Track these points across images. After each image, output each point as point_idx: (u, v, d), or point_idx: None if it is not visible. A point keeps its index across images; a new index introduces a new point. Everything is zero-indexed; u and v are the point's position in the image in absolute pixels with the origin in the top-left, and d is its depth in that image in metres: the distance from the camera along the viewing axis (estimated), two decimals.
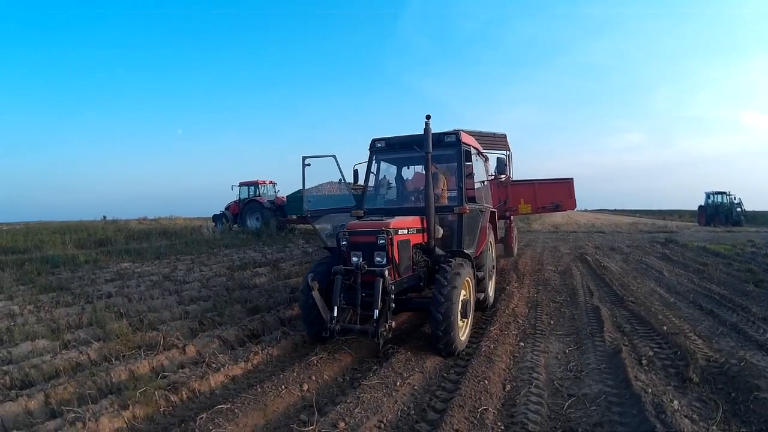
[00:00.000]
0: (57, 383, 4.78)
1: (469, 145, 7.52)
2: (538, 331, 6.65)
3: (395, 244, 5.73)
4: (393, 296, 5.33)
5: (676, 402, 4.08)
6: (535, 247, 20.03)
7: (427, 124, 6.20)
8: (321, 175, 7.67)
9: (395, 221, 5.96)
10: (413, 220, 6.40)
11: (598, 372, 5.01)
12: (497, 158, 8.86)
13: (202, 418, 4.00)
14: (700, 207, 37.98)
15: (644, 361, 5.19)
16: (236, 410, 4.16)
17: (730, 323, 6.72)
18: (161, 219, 40.33)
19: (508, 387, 4.66)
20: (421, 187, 7.57)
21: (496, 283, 9.30)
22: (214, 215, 29.19)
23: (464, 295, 6.09)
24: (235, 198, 27.65)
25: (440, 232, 6.94)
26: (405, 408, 4.26)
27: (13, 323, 7.04)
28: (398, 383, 4.72)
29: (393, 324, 5.40)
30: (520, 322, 7.19)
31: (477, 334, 6.52)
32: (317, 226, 8.43)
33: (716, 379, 4.63)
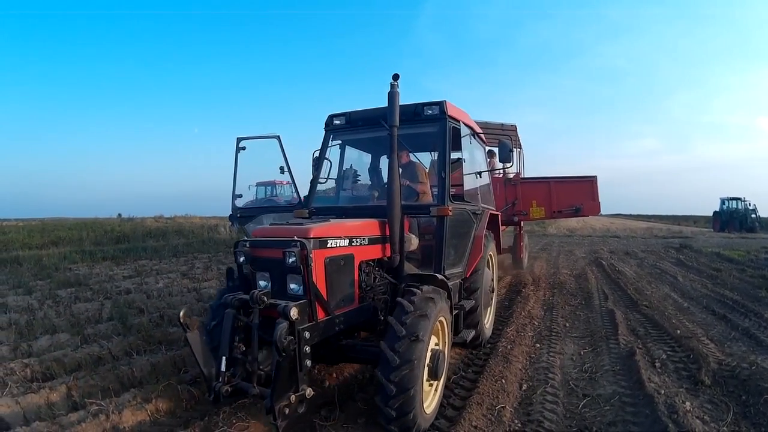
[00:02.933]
0: (79, 376, 4.82)
1: (459, 122, 5.26)
2: (553, 333, 6.65)
3: (320, 263, 3.70)
4: (307, 348, 3.34)
5: (688, 403, 4.09)
6: (550, 250, 19.96)
7: (393, 86, 4.20)
8: (266, 163, 5.98)
9: (322, 227, 3.89)
10: (364, 226, 4.40)
11: (613, 373, 5.03)
12: (500, 141, 5.73)
13: (225, 411, 4.10)
14: (715, 213, 37.37)
15: (657, 364, 5.19)
16: (258, 404, 4.16)
17: (743, 328, 6.67)
18: (177, 217, 39.57)
19: (524, 386, 4.71)
20: (406, 182, 5.56)
21: (496, 310, 7.11)
22: (230, 214, 29.17)
23: (435, 345, 4.07)
24: (251, 197, 27.70)
25: (414, 242, 5.03)
26: None
27: (32, 317, 7.12)
28: None
29: (310, 392, 3.33)
30: (536, 324, 7.20)
31: (494, 335, 6.54)
32: (248, 230, 6.74)
33: (727, 382, 4.63)
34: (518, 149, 12.84)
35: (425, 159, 6.57)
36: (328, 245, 3.84)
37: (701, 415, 3.95)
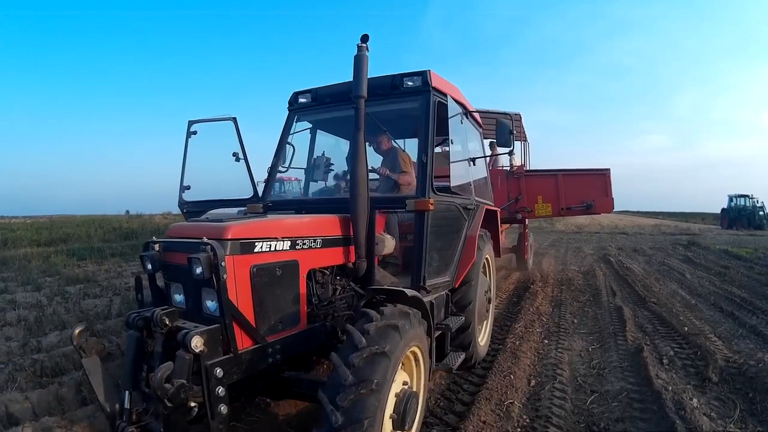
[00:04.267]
0: None
1: (445, 95, 4.29)
2: (561, 329, 6.64)
3: (242, 273, 2.84)
4: (221, 391, 2.52)
5: (695, 400, 4.09)
6: (558, 247, 19.92)
7: (360, 49, 3.39)
8: (222, 149, 4.96)
9: (246, 225, 3.02)
10: (318, 223, 3.56)
11: (620, 370, 5.02)
12: (498, 121, 4.49)
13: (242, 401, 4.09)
14: (723, 210, 37.08)
15: (665, 360, 5.18)
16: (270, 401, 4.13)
17: (750, 325, 6.62)
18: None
19: (533, 382, 4.71)
20: (386, 172, 4.99)
21: (496, 320, 6.41)
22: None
23: (404, 386, 3.10)
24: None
25: (389, 243, 4.19)
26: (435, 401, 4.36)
27: (41, 313, 7.11)
28: None
29: None
30: (544, 320, 7.19)
31: (503, 330, 6.56)
32: None
33: (735, 379, 4.62)
34: (523, 141, 12.06)
35: (412, 148, 5.30)
36: (256, 249, 2.94)
37: (708, 411, 3.95)
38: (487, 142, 11.55)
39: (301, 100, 4.77)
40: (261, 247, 3.00)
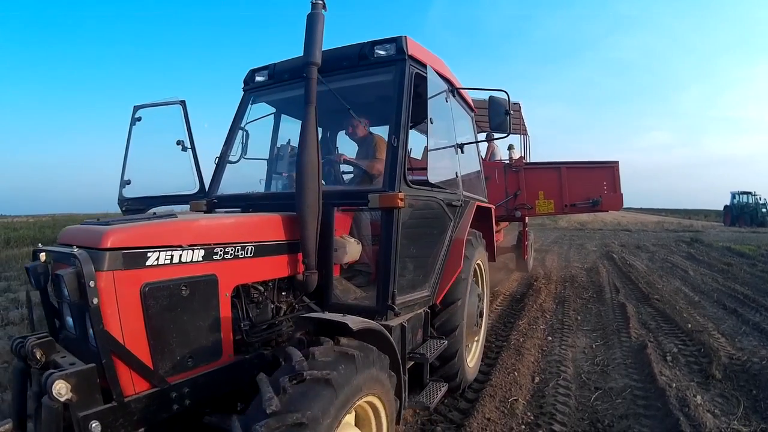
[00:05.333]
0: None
1: (425, 66, 3.51)
2: (565, 326, 6.64)
3: (128, 294, 2.15)
4: None
5: (699, 397, 4.09)
6: (561, 244, 19.94)
7: (314, 7, 2.88)
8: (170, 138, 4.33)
9: (134, 229, 2.28)
10: (249, 225, 2.91)
11: (624, 366, 5.02)
12: (491, 99, 3.78)
13: None
14: (726, 207, 37.03)
15: (669, 357, 5.18)
16: None
17: (753, 323, 6.61)
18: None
19: (536, 379, 4.71)
20: (356, 162, 4.45)
21: (485, 339, 5.26)
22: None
23: None
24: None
25: (353, 249, 3.38)
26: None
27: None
28: None
29: None
30: (548, 317, 7.18)
31: (506, 327, 6.57)
32: None
33: (738, 376, 4.61)
34: (523, 134, 11.30)
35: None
36: (149, 262, 2.22)
37: (712, 408, 3.94)
38: (483, 135, 11.43)
39: (258, 78, 4.10)
40: (157, 259, 2.26)
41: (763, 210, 34.54)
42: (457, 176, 4.09)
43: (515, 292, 9.27)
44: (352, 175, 4.72)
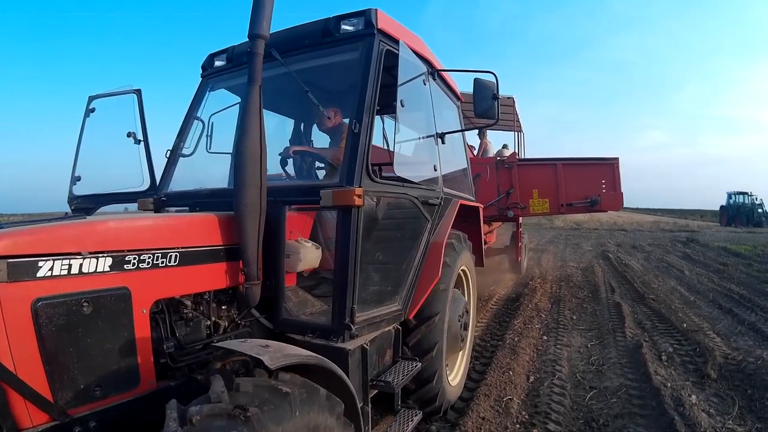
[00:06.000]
0: None
1: (397, 42, 3.08)
2: (560, 326, 6.63)
3: (14, 312, 1.78)
4: None
5: (694, 396, 4.10)
6: (557, 243, 19.99)
7: None
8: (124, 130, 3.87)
9: (22, 233, 1.90)
10: (166, 227, 2.46)
11: (619, 366, 5.02)
12: (475, 82, 3.36)
13: None
14: (722, 207, 37.17)
15: (664, 357, 5.19)
16: None
17: (749, 322, 6.62)
18: None
19: (531, 378, 4.71)
20: (318, 151, 3.99)
21: (471, 353, 4.88)
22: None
23: None
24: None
25: (310, 255, 2.91)
26: None
27: None
28: None
29: None
30: (543, 316, 7.18)
31: (501, 327, 6.56)
32: None
33: (733, 376, 4.62)
34: (517, 131, 10.55)
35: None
36: (41, 273, 1.88)
37: (707, 408, 3.95)
38: (475, 132, 10.84)
39: (217, 63, 3.72)
40: (51, 269, 1.90)
41: (759, 210, 34.73)
42: (435, 170, 3.63)
43: (511, 292, 9.28)
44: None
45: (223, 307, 2.74)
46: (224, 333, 2.69)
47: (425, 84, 3.51)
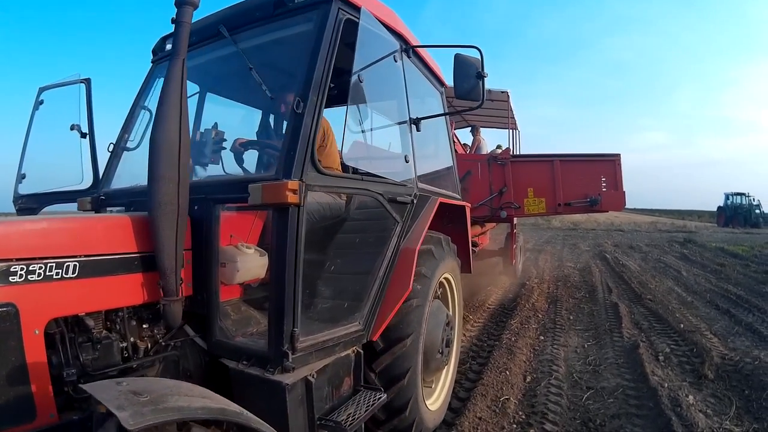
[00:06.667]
0: None
1: (358, 9, 2.63)
2: (557, 326, 6.64)
3: None
4: None
5: (691, 397, 4.10)
6: (554, 243, 20.05)
7: None
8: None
9: None
10: (63, 231, 2.03)
11: (616, 366, 5.03)
12: (456, 58, 2.95)
13: None
14: (719, 208, 37.43)
15: (661, 357, 5.19)
16: None
17: (746, 323, 6.64)
18: None
19: (528, 378, 4.71)
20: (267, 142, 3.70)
21: (455, 371, 4.23)
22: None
23: None
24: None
25: (256, 263, 2.58)
26: None
27: None
28: None
29: None
30: (540, 316, 7.18)
31: (498, 327, 6.56)
32: None
33: (731, 376, 4.63)
34: (512, 129, 10.02)
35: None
36: None
37: (704, 408, 3.95)
38: (468, 130, 10.75)
39: (169, 46, 3.25)
40: None
41: (757, 211, 34.98)
42: (407, 161, 3.22)
43: (507, 291, 9.28)
44: None
45: (144, 326, 2.32)
46: (146, 356, 2.28)
47: (397, 62, 3.15)
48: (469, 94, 2.96)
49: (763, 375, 4.47)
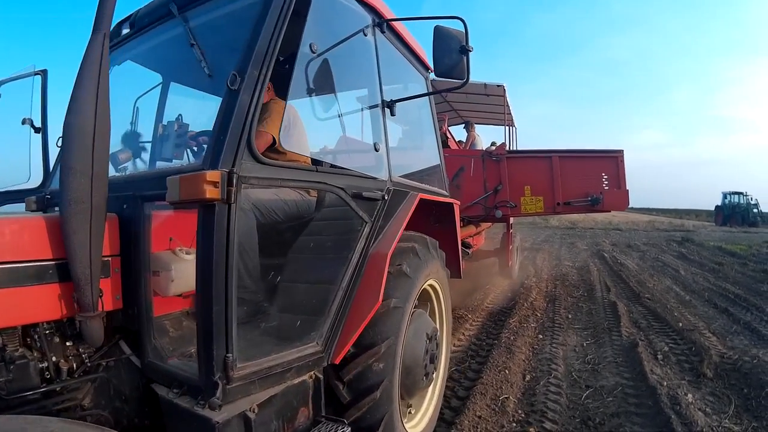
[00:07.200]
0: None
1: None
2: (556, 325, 6.66)
3: None
4: None
5: (690, 395, 4.13)
6: (552, 242, 20.10)
7: None
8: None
9: None
10: None
11: (615, 365, 5.05)
12: (436, 30, 2.58)
13: None
14: (717, 207, 37.60)
15: (660, 356, 5.22)
16: None
17: (744, 322, 6.68)
18: None
19: (527, 377, 4.73)
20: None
21: (443, 389, 3.76)
22: None
23: None
24: None
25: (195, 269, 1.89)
26: None
27: None
28: None
29: None
30: (539, 315, 7.21)
31: (497, 325, 6.58)
32: None
33: (729, 375, 4.66)
34: (508, 126, 9.66)
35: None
36: None
37: (703, 407, 3.98)
38: (461, 127, 10.51)
39: (125, 31, 2.96)
40: None
41: (755, 210, 35.16)
42: (377, 149, 2.81)
43: (506, 290, 9.29)
44: None
45: (68, 344, 2.02)
46: (71, 377, 2.00)
47: (367, 36, 2.80)
48: (452, 72, 2.61)
49: (762, 373, 4.51)
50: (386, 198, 2.78)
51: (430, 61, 2.87)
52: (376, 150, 2.81)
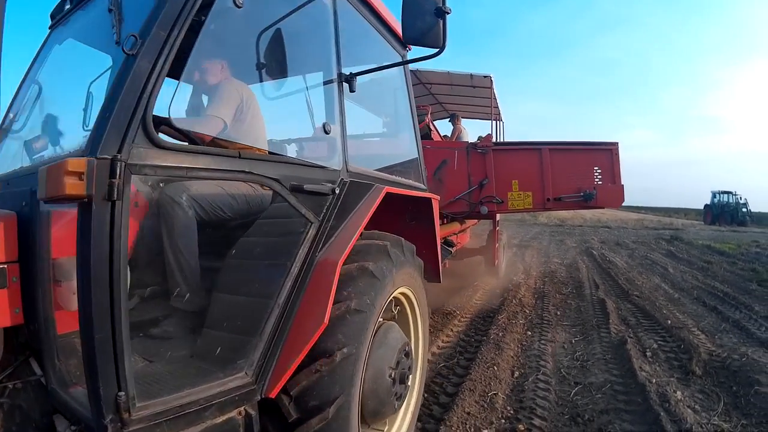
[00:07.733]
0: None
1: None
2: (545, 321, 6.66)
3: None
4: None
5: (679, 393, 4.14)
6: (541, 239, 20.15)
7: None
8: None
9: None
10: None
11: (604, 362, 5.06)
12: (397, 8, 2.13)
13: None
14: (706, 206, 38.03)
15: (649, 353, 5.23)
16: None
17: (733, 320, 6.73)
18: None
19: (516, 373, 4.72)
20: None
21: (419, 407, 3.31)
22: None
23: None
24: None
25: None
26: None
27: None
28: None
29: None
30: (527, 312, 7.21)
31: (486, 322, 6.58)
32: None
33: (718, 372, 4.68)
34: (495, 120, 9.24)
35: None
36: None
37: (692, 404, 3.99)
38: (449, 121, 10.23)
39: (68, 6, 2.59)
40: None
41: (743, 209, 35.57)
42: (328, 132, 2.37)
43: (495, 287, 9.28)
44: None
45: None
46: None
47: (328, 5, 2.46)
48: (424, 38, 2.16)
49: (751, 371, 4.53)
50: (336, 191, 2.29)
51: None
52: (326, 132, 2.34)
